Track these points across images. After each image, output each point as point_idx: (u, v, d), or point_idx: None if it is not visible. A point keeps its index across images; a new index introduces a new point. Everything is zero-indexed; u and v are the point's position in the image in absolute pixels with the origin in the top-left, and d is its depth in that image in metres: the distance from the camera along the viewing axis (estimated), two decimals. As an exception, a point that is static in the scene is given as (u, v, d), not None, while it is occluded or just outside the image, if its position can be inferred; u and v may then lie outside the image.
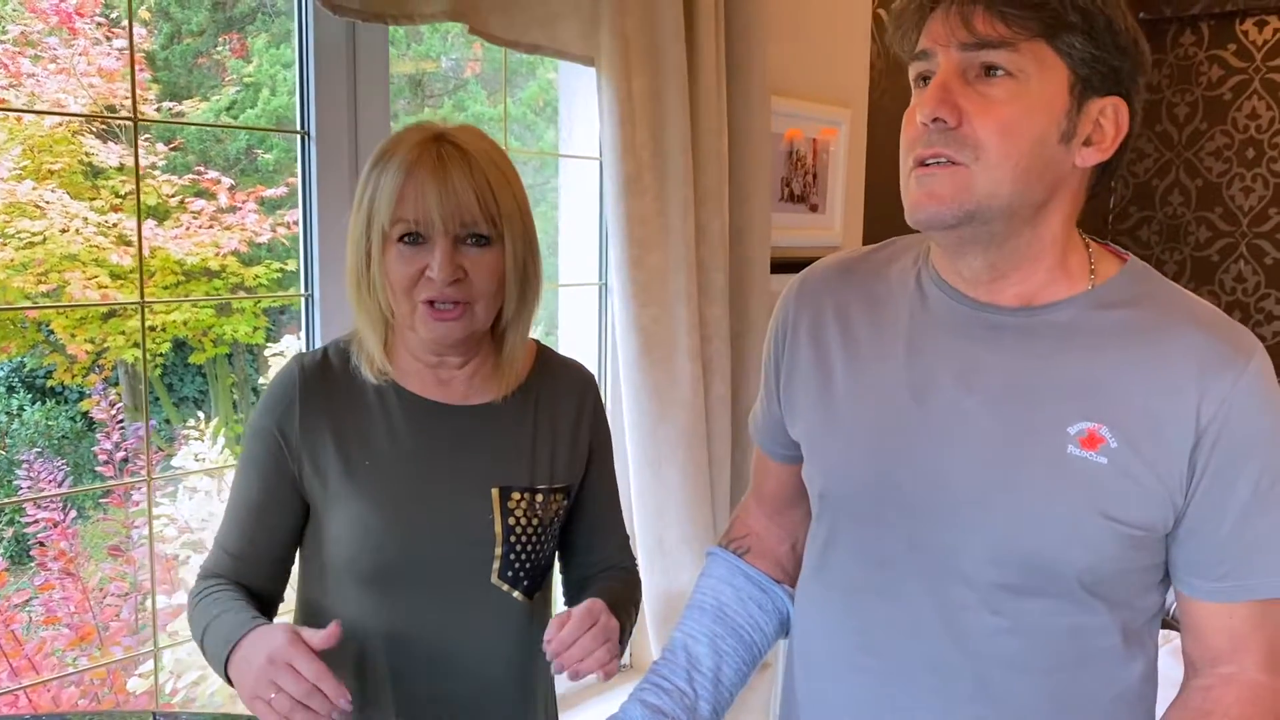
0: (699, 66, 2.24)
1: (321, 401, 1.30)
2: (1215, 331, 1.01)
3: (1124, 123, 1.01)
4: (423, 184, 1.22)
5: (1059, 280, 1.04)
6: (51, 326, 5.98)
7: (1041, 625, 1.04)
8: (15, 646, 3.32)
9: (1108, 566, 1.01)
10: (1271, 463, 1.00)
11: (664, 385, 2.23)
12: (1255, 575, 1.02)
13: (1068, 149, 0.99)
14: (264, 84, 6.61)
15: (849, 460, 1.11)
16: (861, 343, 1.13)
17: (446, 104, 7.18)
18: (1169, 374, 0.99)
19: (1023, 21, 0.95)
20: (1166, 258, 4.43)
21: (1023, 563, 1.01)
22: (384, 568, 1.28)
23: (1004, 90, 0.96)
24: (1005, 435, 1.02)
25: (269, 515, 1.32)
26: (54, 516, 3.64)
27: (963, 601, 1.04)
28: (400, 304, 1.26)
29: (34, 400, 6.94)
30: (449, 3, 1.82)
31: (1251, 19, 4.15)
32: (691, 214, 2.23)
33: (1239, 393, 0.98)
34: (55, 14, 5.50)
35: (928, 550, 1.06)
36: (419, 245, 1.23)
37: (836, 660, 1.16)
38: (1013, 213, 0.99)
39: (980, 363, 1.04)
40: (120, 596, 3.89)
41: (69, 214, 5.49)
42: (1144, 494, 0.99)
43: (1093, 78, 0.98)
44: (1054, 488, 0.99)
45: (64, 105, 5.43)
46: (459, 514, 1.31)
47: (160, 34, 6.66)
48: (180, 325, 6.21)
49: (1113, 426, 0.99)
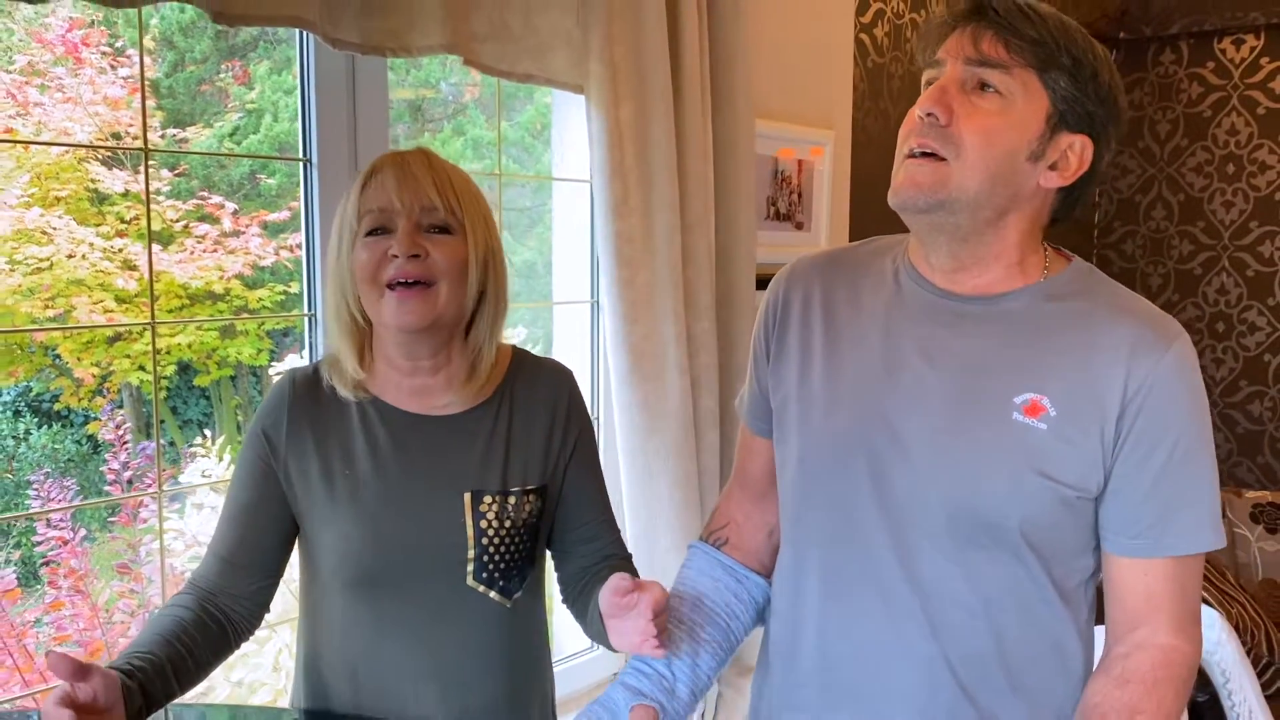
0: (684, 93, 2.33)
1: (308, 414, 1.37)
2: (1145, 320, 1.16)
3: (1088, 158, 1.16)
4: (384, 177, 1.32)
5: (1014, 275, 1.20)
6: (58, 350, 6.07)
7: (986, 574, 1.17)
8: (28, 661, 3.40)
9: (1044, 521, 1.14)
10: (1185, 435, 1.14)
11: (654, 399, 2.31)
12: (1169, 534, 1.15)
13: (1034, 168, 1.15)
14: (266, 110, 6.72)
15: (827, 423, 1.24)
16: (842, 323, 1.27)
17: (446, 128, 7.30)
18: (1103, 355, 1.14)
19: (1020, 51, 1.12)
20: (1150, 271, 4.52)
21: (971, 514, 1.15)
22: (364, 574, 1.34)
23: (992, 104, 1.13)
24: (959, 404, 1.17)
25: (258, 517, 1.37)
26: (64, 535, 3.72)
27: (919, 549, 1.18)
28: (367, 293, 1.32)
29: (40, 424, 7.02)
30: (443, 36, 1.91)
31: (1229, 37, 4.26)
32: (678, 234, 2.32)
33: (1161, 371, 1.12)
34: (62, 44, 5.61)
35: (890, 503, 1.19)
36: (383, 236, 1.31)
37: (805, 607, 1.28)
38: (976, 209, 1.14)
39: (943, 343, 1.20)
40: (129, 614, 3.96)
41: (75, 240, 5.59)
42: (1077, 456, 1.13)
43: (1069, 114, 1.14)
44: (999, 448, 1.14)
45: (70, 133, 5.53)
46: (431, 520, 1.35)
47: (164, 62, 6.78)
48: (185, 348, 6.30)
49: (1052, 397, 1.13)
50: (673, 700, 1.28)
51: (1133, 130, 4.51)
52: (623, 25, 2.21)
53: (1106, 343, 1.14)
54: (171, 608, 1.32)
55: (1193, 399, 1.15)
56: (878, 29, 3.22)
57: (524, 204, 7.04)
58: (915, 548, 1.18)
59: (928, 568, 1.18)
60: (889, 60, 3.28)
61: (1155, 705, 1.13)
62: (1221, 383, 4.40)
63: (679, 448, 2.34)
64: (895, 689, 1.21)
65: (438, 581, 1.36)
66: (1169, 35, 4.34)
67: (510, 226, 7.23)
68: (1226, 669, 2.32)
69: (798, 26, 2.83)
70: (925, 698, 1.19)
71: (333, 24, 1.79)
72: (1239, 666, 2.31)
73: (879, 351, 1.23)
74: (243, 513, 1.37)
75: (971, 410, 1.16)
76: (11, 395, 7.02)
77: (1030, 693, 1.20)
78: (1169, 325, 1.17)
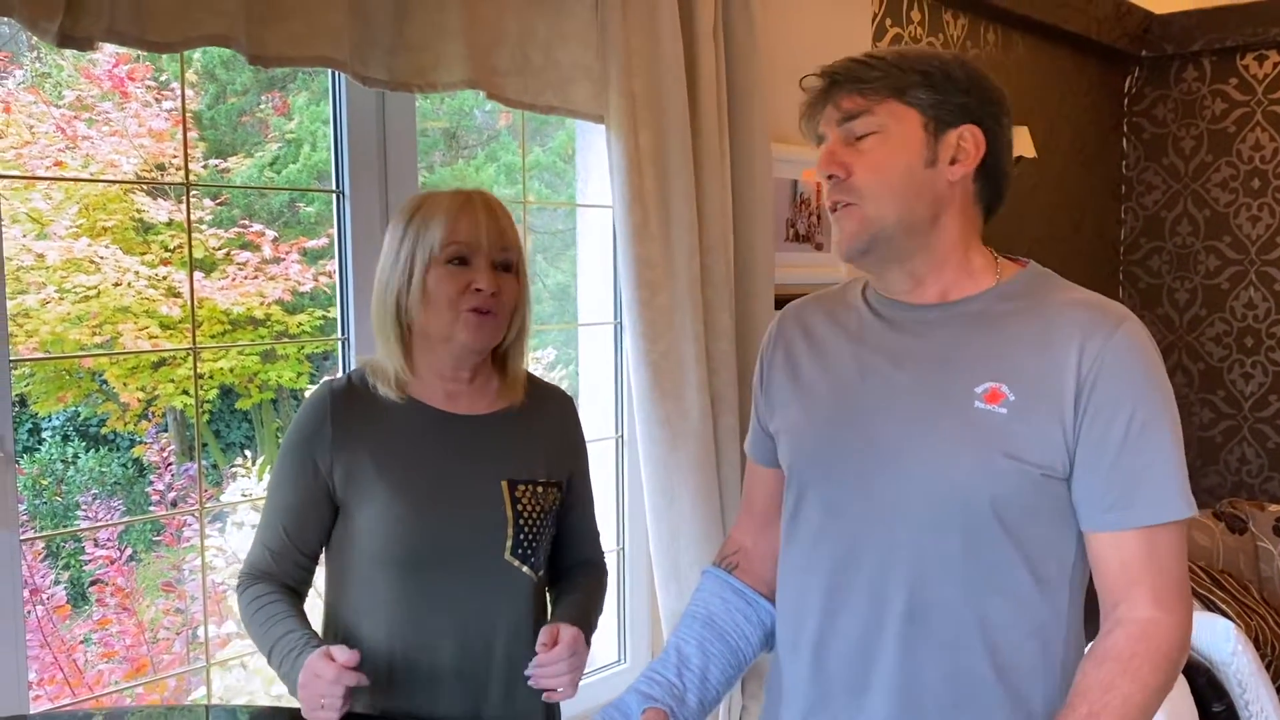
0: (701, 120, 2.41)
1: (351, 419, 1.53)
2: (1094, 307, 1.25)
3: (981, 142, 1.26)
4: (473, 215, 1.51)
5: (966, 279, 1.30)
6: (105, 376, 6.24)
7: (966, 559, 1.23)
8: (77, 675, 3.51)
9: (1015, 500, 1.21)
10: (1141, 408, 1.20)
11: (674, 416, 2.38)
12: (1136, 505, 1.19)
13: (935, 170, 1.26)
14: (305, 140, 6.89)
15: (811, 432, 1.35)
16: (822, 350, 1.39)
17: (479, 155, 7.43)
18: (1056, 342, 1.22)
19: (873, 90, 1.25)
20: (1177, 286, 4.53)
21: (945, 498, 1.23)
22: (414, 552, 1.50)
23: (872, 143, 1.25)
24: (926, 399, 1.26)
25: (302, 518, 1.55)
26: (111, 554, 3.84)
27: (899, 537, 1.25)
28: (443, 315, 1.50)
29: (88, 448, 7.20)
30: (467, 72, 2.01)
31: (1251, 54, 4.28)
32: (696, 257, 2.40)
33: (1110, 350, 1.20)
34: (109, 79, 5.80)
35: (871, 496, 1.28)
36: (463, 266, 1.50)
37: (803, 605, 1.35)
38: (908, 228, 1.26)
39: (910, 348, 1.30)
40: (173, 631, 4.08)
41: (121, 268, 5.76)
42: (1039, 436, 1.20)
43: (942, 114, 1.25)
44: (963, 435, 1.22)
45: (117, 165, 5.71)
46: (476, 502, 1.54)
47: (206, 94, 6.97)
48: (227, 372, 6.45)
49: (1011, 384, 1.22)
50: (682, 708, 1.35)
51: (1157, 147, 4.53)
52: (640, 57, 2.30)
53: (1059, 331, 1.22)
54: (265, 599, 1.52)
55: (1145, 374, 1.22)
56: (895, 53, 3.29)
57: (557, 227, 7.15)
58: (897, 541, 1.25)
59: (910, 557, 1.25)
60: (907, 83, 3.34)
61: (1131, 680, 1.16)
62: (1251, 397, 4.39)
63: (700, 464, 2.41)
64: (880, 676, 1.26)
65: (481, 556, 1.53)
66: (1191, 52, 4.37)
67: (544, 250, 7.34)
68: (1243, 680, 2.34)
69: (815, 53, 2.90)
70: (908, 682, 1.25)
71: (363, 63, 1.89)
72: (1256, 678, 2.33)
73: (853, 367, 1.33)
74: (289, 512, 1.54)
75: (936, 403, 1.25)
76: (60, 420, 7.21)
77: (1013, 677, 1.24)
78: (1117, 310, 1.25)
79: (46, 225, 5.63)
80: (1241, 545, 3.49)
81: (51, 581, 4.20)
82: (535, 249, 7.22)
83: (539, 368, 4.44)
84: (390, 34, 1.92)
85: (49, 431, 7.24)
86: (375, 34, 1.89)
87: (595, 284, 2.67)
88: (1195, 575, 3.17)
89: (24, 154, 5.36)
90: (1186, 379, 4.54)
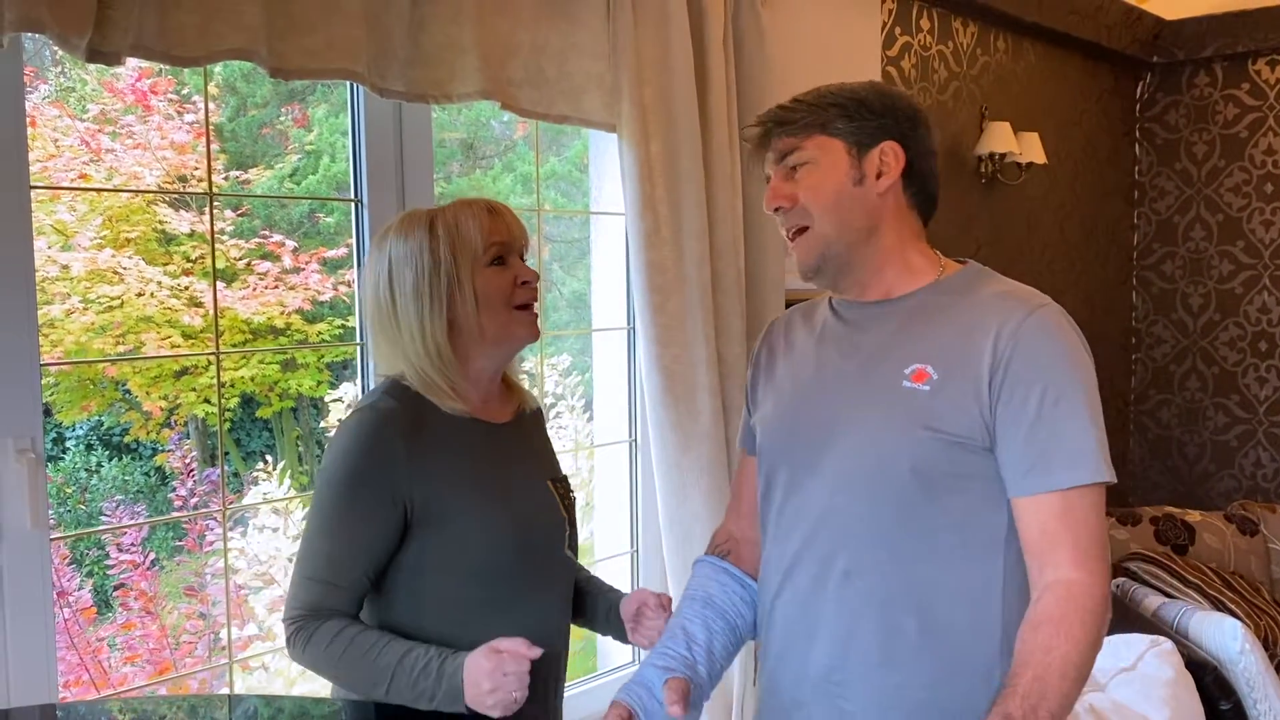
0: (711, 128, 2.46)
1: (416, 439, 1.49)
2: (1015, 296, 1.39)
3: (900, 154, 1.42)
4: (498, 215, 1.56)
5: (907, 277, 1.45)
6: (128, 385, 6.32)
7: (893, 522, 1.36)
8: (102, 677, 3.57)
9: (934, 468, 1.34)
10: (1054, 384, 1.31)
11: (686, 420, 2.42)
12: (1051, 471, 1.30)
13: (864, 187, 1.42)
14: (324, 151, 6.97)
15: (776, 421, 1.52)
16: (796, 347, 1.56)
17: (496, 165, 7.50)
18: (978, 327, 1.36)
19: (801, 129, 1.43)
20: (1191, 291, 4.55)
21: (872, 467, 1.37)
22: (507, 558, 1.53)
23: (806, 172, 1.43)
24: (865, 383, 1.41)
25: (379, 549, 1.49)
26: (134, 559, 3.90)
27: (839, 505, 1.40)
28: (499, 315, 1.53)
29: (111, 456, 7.29)
30: (481, 83, 2.06)
31: (1263, 59, 4.30)
32: (707, 263, 2.44)
33: (1024, 331, 1.33)
34: (132, 93, 5.89)
35: (820, 472, 1.42)
36: (503, 265, 1.54)
37: (770, 569, 1.50)
38: (849, 242, 1.42)
39: (857, 340, 1.46)
40: (195, 635, 4.14)
41: (144, 279, 5.84)
42: (958, 411, 1.33)
43: (862, 137, 1.42)
44: (890, 411, 1.37)
45: (140, 177, 5.79)
46: (541, 505, 1.61)
47: (227, 107, 7.06)
48: (248, 381, 6.53)
49: (935, 365, 1.36)
50: (696, 677, 1.44)
51: (1169, 152, 4.55)
52: (651, 67, 2.35)
53: (981, 317, 1.36)
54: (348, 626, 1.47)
55: (1056, 353, 1.33)
56: (905, 61, 3.32)
57: (573, 236, 7.20)
58: (839, 508, 1.40)
59: (849, 522, 1.39)
60: (916, 92, 3.38)
61: (1066, 639, 1.25)
62: (1266, 402, 4.40)
63: (712, 466, 2.45)
64: (822, 628, 1.41)
65: (551, 554, 1.60)
66: (1203, 58, 4.38)
67: (560, 259, 7.40)
68: (1251, 678, 2.36)
69: (825, 61, 2.95)
70: (845, 636, 1.38)
71: (380, 75, 1.95)
72: (1263, 676, 2.35)
73: (813, 361, 1.50)
74: (365, 545, 1.48)
75: (872, 386, 1.40)
76: (84, 429, 7.30)
77: (944, 636, 1.36)
78: (1037, 298, 1.38)
79: (71, 237, 5.72)
80: (1253, 547, 3.50)
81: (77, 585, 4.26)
82: (552, 257, 7.28)
83: (554, 374, 4.49)
84: (407, 47, 1.97)
85: (73, 440, 7.33)
86: (392, 47, 1.95)
87: (609, 290, 2.72)
88: (1205, 576, 3.19)
89: (49, 167, 5.44)
90: (1201, 383, 4.55)
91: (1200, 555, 3.44)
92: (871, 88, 1.45)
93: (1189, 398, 4.59)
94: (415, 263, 1.51)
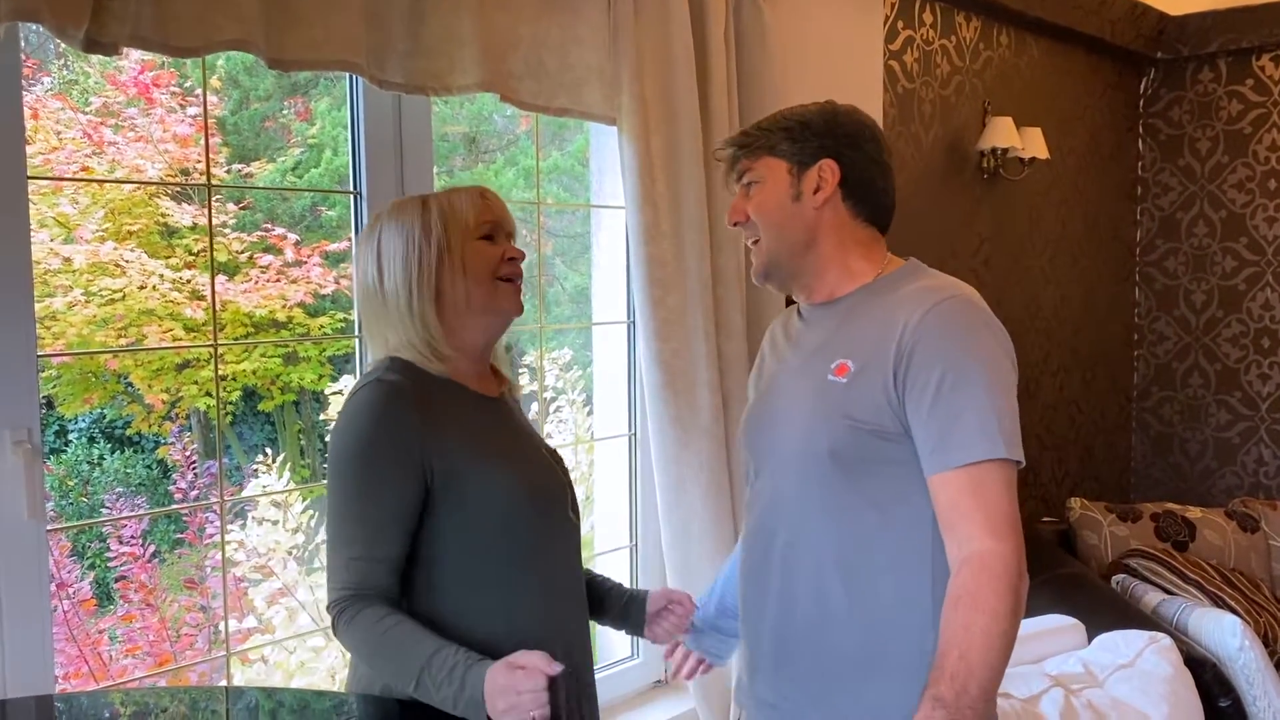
0: (712, 122, 2.45)
1: (427, 407, 1.50)
2: (929, 289, 1.49)
3: (836, 171, 1.56)
4: (491, 198, 1.63)
5: (847, 280, 1.59)
6: (130, 378, 6.33)
7: (820, 501, 1.51)
8: (102, 669, 3.58)
9: (850, 452, 1.48)
10: (951, 369, 1.41)
11: (685, 415, 2.42)
12: (952, 448, 1.40)
13: (801, 202, 1.57)
14: (326, 144, 6.98)
15: (748, 410, 1.71)
16: (775, 346, 1.72)
17: (499, 159, 7.50)
18: (890, 320, 1.47)
19: (753, 152, 1.60)
20: (1194, 287, 4.53)
21: (799, 452, 1.53)
22: (521, 515, 1.55)
23: (756, 191, 1.60)
24: (802, 377, 1.57)
25: (411, 518, 1.48)
26: (135, 551, 3.91)
27: (780, 487, 1.58)
28: (484, 285, 1.57)
29: (113, 449, 7.30)
30: (481, 75, 2.05)
31: (1268, 54, 4.28)
32: (707, 258, 2.44)
33: (926, 321, 1.44)
34: (134, 85, 5.89)
35: (769, 457, 1.60)
36: (493, 242, 1.59)
37: (740, 550, 1.69)
38: (791, 253, 1.59)
39: (804, 338, 1.62)
40: (195, 627, 4.14)
41: (146, 271, 5.84)
42: (870, 400, 1.46)
43: (802, 157, 1.56)
44: (815, 402, 1.52)
45: (142, 170, 5.79)
46: (545, 469, 1.65)
47: (230, 100, 7.06)
48: (249, 374, 6.53)
49: (854, 359, 1.49)
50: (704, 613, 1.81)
51: (1172, 148, 4.54)
52: (652, 60, 2.34)
53: (895, 310, 1.48)
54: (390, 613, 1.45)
55: (955, 340, 1.43)
56: (907, 55, 3.31)
57: (575, 231, 7.20)
58: (780, 490, 1.57)
59: (787, 501, 1.56)
60: (919, 85, 3.37)
61: (982, 613, 1.34)
62: (1268, 399, 4.39)
63: (711, 461, 2.45)
64: (769, 594, 1.57)
65: (560, 515, 1.63)
66: (1207, 54, 4.37)
67: (562, 253, 7.39)
68: (1250, 675, 2.36)
69: (827, 55, 2.94)
70: (786, 602, 1.56)
71: (379, 67, 1.94)
72: (1263, 673, 2.35)
73: (777, 359, 1.68)
74: (395, 523, 1.48)
75: (807, 379, 1.55)
76: (86, 422, 7.31)
77: (870, 604, 1.49)
78: (949, 289, 1.49)
79: (73, 229, 5.72)
80: (1253, 544, 3.50)
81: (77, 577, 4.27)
82: (554, 252, 7.27)
83: (554, 368, 4.49)
84: (406, 39, 1.97)
85: (75, 433, 7.35)
86: (391, 39, 1.94)
87: (610, 285, 2.71)
88: (1205, 573, 3.18)
89: (51, 159, 5.44)
90: (1203, 380, 4.54)
91: (1200, 552, 3.44)
92: (820, 109, 1.59)
93: (1191, 394, 4.58)
94: (407, 236, 1.55)
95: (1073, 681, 2.44)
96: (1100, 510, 3.58)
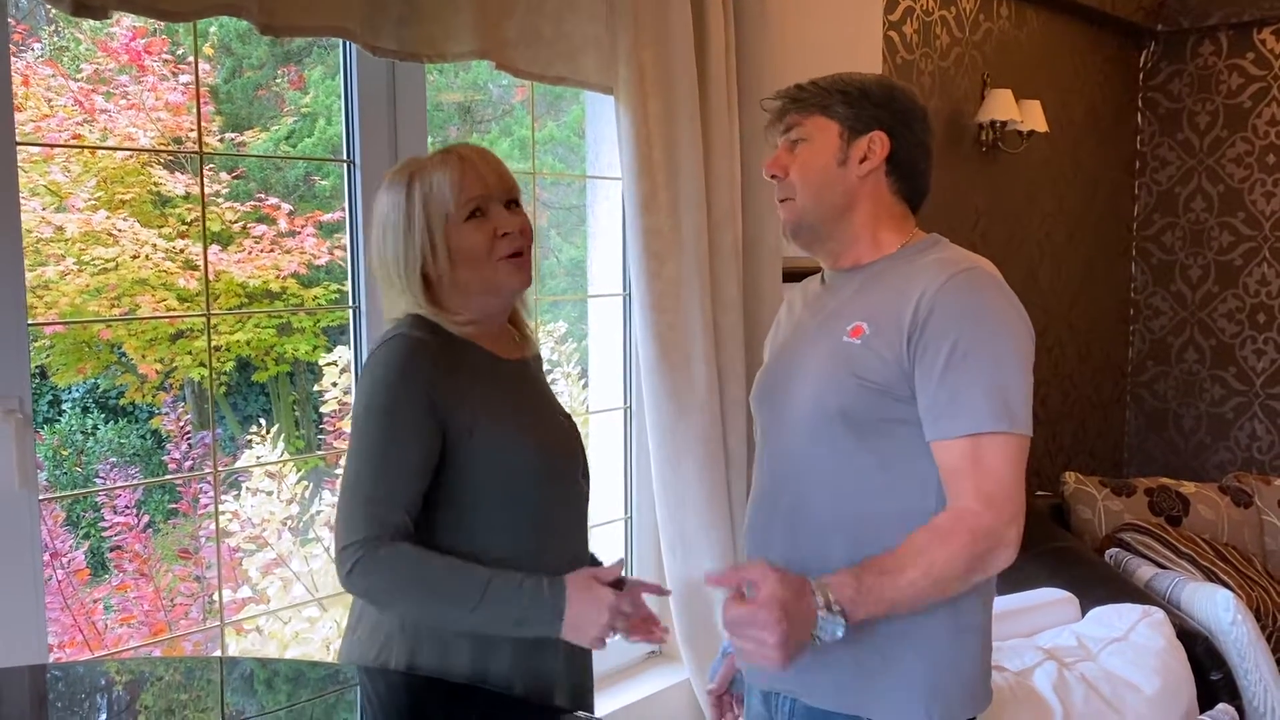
0: (710, 92, 2.43)
1: (444, 362, 1.50)
2: (947, 260, 1.50)
3: (886, 144, 1.55)
4: (474, 167, 1.54)
5: (874, 250, 1.59)
6: (124, 348, 6.30)
7: (830, 461, 1.52)
8: (96, 638, 3.58)
9: (860, 412, 1.48)
10: (963, 339, 1.42)
11: (681, 387, 2.41)
12: (957, 417, 1.41)
13: (846, 169, 1.55)
14: (320, 114, 6.91)
15: (762, 372, 1.70)
16: (794, 310, 1.73)
17: (494, 129, 7.44)
18: (909, 288, 1.48)
19: (804, 108, 1.57)
20: (1190, 262, 4.53)
21: (809, 412, 1.53)
22: (536, 475, 1.55)
23: (802, 148, 1.57)
24: (818, 337, 1.57)
25: (424, 472, 1.49)
26: (129, 520, 3.90)
27: (789, 446, 1.58)
28: (481, 268, 1.52)
29: (107, 419, 7.28)
30: (476, 42, 2.03)
31: (1269, 28, 4.25)
32: (705, 230, 2.42)
33: (944, 291, 1.44)
34: (126, 53, 5.83)
35: (780, 417, 1.60)
36: (481, 218, 1.52)
37: (749, 510, 1.68)
38: (825, 217, 1.57)
39: (825, 302, 1.62)
40: (190, 597, 4.14)
41: (139, 241, 5.80)
42: (882, 362, 1.46)
43: (856, 124, 1.55)
44: (829, 362, 1.52)
45: (134, 138, 5.74)
46: (561, 429, 1.65)
47: (223, 69, 6.99)
48: (244, 345, 6.50)
49: (870, 322, 1.50)
50: None
51: (1172, 122, 4.52)
52: (650, 29, 2.32)
53: (914, 279, 1.49)
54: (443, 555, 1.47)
55: (971, 310, 1.44)
56: (907, 25, 3.28)
57: (571, 203, 7.16)
58: (788, 449, 1.57)
59: (794, 460, 1.56)
60: (919, 56, 3.34)
61: (942, 546, 1.37)
62: (1263, 374, 4.39)
63: (706, 434, 2.44)
64: (775, 552, 1.54)
65: (572, 476, 1.64)
66: (1208, 27, 4.34)
67: (558, 225, 7.35)
68: (1242, 649, 2.36)
69: (826, 25, 2.91)
70: (791, 561, 1.46)
71: (373, 33, 1.92)
72: (1255, 646, 2.35)
73: (794, 321, 1.69)
74: (415, 473, 1.48)
75: (822, 340, 1.56)
76: (80, 392, 7.28)
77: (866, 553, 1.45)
78: (967, 261, 1.50)
79: (65, 198, 5.68)
80: (1246, 519, 3.51)
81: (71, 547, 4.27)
82: (549, 224, 7.24)
83: (550, 340, 4.48)
84: (400, 4, 1.94)
85: (69, 403, 7.32)
86: (385, 4, 1.92)
87: (606, 256, 2.70)
88: (1198, 548, 3.19)
89: (42, 126, 5.39)
90: (1198, 355, 4.54)
91: (1194, 527, 3.44)
92: (879, 80, 1.59)
93: (1186, 369, 4.58)
94: (393, 219, 1.54)
95: (1066, 655, 2.44)
96: (1094, 484, 3.58)
